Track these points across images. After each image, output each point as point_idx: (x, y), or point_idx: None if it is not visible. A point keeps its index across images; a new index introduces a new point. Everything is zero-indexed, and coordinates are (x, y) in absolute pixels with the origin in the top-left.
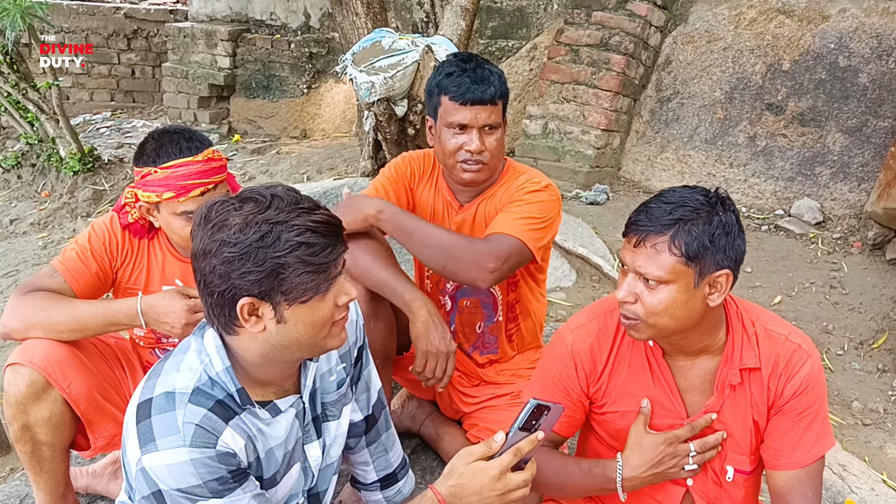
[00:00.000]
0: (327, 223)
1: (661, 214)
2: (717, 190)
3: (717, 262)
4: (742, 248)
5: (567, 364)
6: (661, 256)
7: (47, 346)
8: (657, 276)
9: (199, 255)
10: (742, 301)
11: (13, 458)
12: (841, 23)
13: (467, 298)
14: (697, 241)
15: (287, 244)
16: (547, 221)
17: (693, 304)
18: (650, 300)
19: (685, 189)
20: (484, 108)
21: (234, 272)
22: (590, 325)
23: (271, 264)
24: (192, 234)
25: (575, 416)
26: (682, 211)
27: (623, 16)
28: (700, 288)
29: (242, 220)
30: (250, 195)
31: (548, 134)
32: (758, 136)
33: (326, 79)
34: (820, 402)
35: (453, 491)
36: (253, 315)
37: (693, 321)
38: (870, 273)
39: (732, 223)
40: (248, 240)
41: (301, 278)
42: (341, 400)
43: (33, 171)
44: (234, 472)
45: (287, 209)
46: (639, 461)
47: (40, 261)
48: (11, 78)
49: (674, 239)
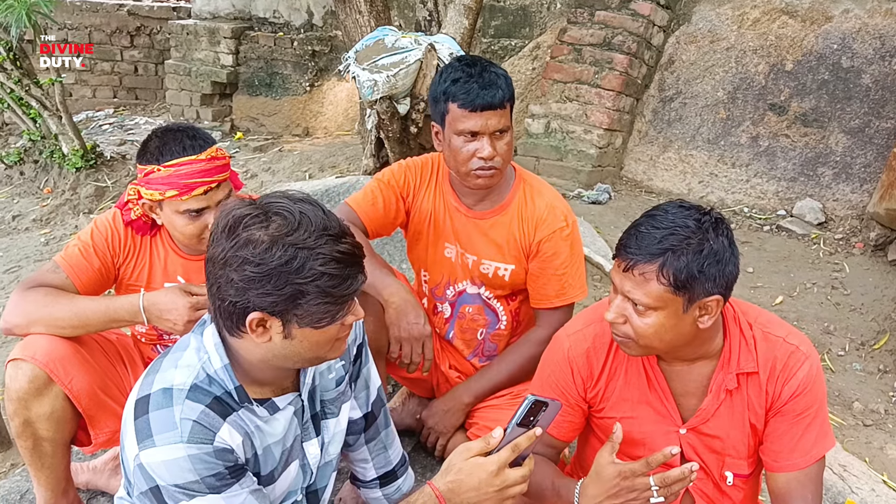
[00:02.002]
0: (352, 254)
1: (650, 242)
2: (711, 212)
3: (707, 290)
4: (735, 273)
5: (564, 369)
6: (648, 284)
7: (49, 341)
8: (644, 303)
9: (216, 262)
10: (740, 303)
11: (14, 454)
12: (844, 23)
13: (470, 305)
14: (686, 270)
15: (311, 272)
16: (581, 256)
17: (682, 327)
18: (638, 323)
19: (678, 211)
20: (494, 114)
21: (252, 290)
22: (586, 330)
23: (292, 290)
24: (211, 237)
25: (574, 421)
26: (672, 240)
27: (626, 15)
28: (689, 312)
29: (269, 239)
30: (279, 210)
31: (550, 133)
32: (760, 137)
33: (329, 77)
34: (819, 404)
35: (451, 487)
36: (261, 327)
37: (683, 341)
38: (871, 274)
39: (724, 248)
40: (272, 262)
41: (318, 307)
42: (340, 398)
43: (36, 168)
44: (231, 468)
45: (315, 234)
46: (595, 491)
47: (42, 257)
48: (15, 74)
49: (662, 268)
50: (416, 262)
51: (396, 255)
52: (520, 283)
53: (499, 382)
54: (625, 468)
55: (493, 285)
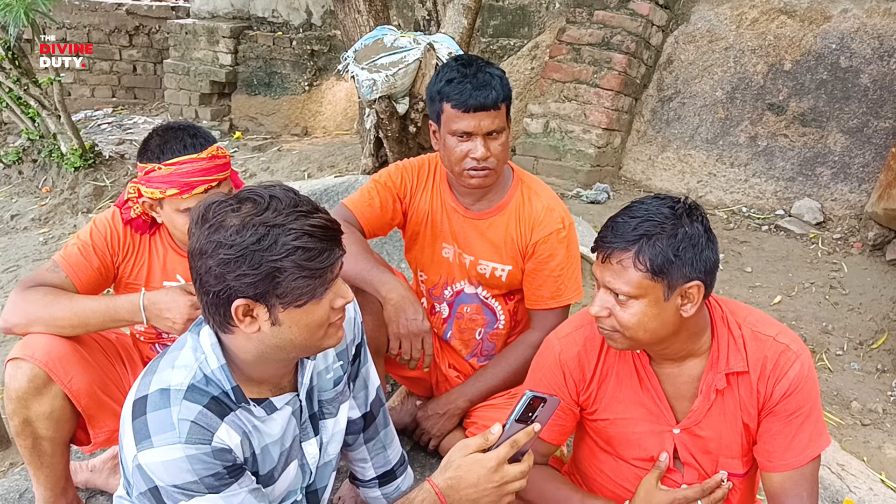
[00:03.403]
0: (325, 227)
1: (626, 230)
2: (685, 200)
3: (686, 275)
4: (713, 258)
5: (556, 373)
6: (627, 272)
7: (48, 340)
8: (625, 292)
9: (195, 254)
10: (728, 302)
11: (13, 453)
12: (842, 23)
13: (468, 305)
14: (662, 255)
15: (284, 248)
16: (577, 258)
17: (665, 316)
18: (622, 315)
19: (653, 201)
20: (487, 115)
21: (229, 274)
22: (577, 333)
23: (267, 268)
24: (190, 232)
25: (566, 424)
26: (646, 226)
27: (625, 15)
28: (671, 300)
29: (240, 221)
30: (248, 195)
31: (549, 133)
32: (759, 136)
33: (328, 76)
34: (812, 403)
35: (450, 483)
36: (247, 316)
37: (668, 332)
38: (870, 273)
39: (699, 234)
40: (244, 242)
41: (297, 283)
42: (338, 398)
43: (34, 167)
44: (229, 467)
45: (285, 212)
46: None
47: (41, 256)
48: (13, 73)
49: (638, 255)
50: (413, 263)
51: (395, 254)
52: (517, 284)
53: (494, 386)
54: (678, 495)
55: (491, 285)
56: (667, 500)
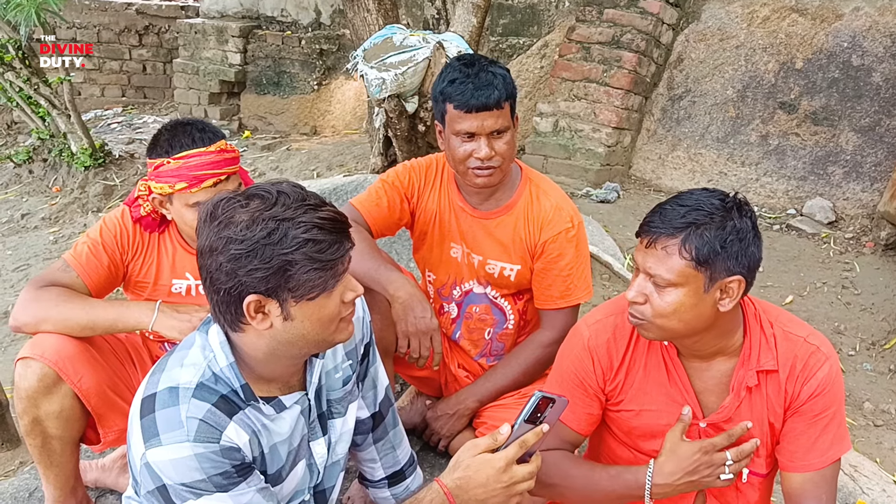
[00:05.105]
0: (334, 220)
1: (674, 217)
2: (736, 194)
3: (729, 268)
4: (757, 255)
5: (584, 359)
6: (670, 259)
7: (58, 340)
8: (666, 279)
9: (204, 252)
10: (760, 302)
11: (23, 452)
12: (854, 21)
13: (477, 305)
14: (708, 245)
15: (294, 241)
16: (587, 257)
17: (702, 308)
18: (659, 302)
19: (703, 192)
20: (490, 114)
21: (240, 269)
22: (607, 320)
23: (278, 261)
24: (197, 230)
25: (593, 413)
26: (695, 214)
27: (635, 13)
28: (710, 293)
29: (249, 216)
30: (256, 192)
31: (558, 131)
32: (770, 135)
33: (337, 75)
34: (837, 406)
35: (459, 483)
36: (259, 312)
37: (703, 325)
38: (882, 273)
39: (747, 229)
40: (254, 237)
41: (308, 275)
42: (347, 397)
43: (45, 166)
44: (238, 466)
45: (294, 206)
46: (673, 468)
47: (51, 255)
48: (23, 73)
49: (685, 242)
50: (421, 263)
51: (405, 253)
52: (526, 283)
53: (504, 386)
54: (706, 443)
55: (499, 285)
56: (694, 450)
